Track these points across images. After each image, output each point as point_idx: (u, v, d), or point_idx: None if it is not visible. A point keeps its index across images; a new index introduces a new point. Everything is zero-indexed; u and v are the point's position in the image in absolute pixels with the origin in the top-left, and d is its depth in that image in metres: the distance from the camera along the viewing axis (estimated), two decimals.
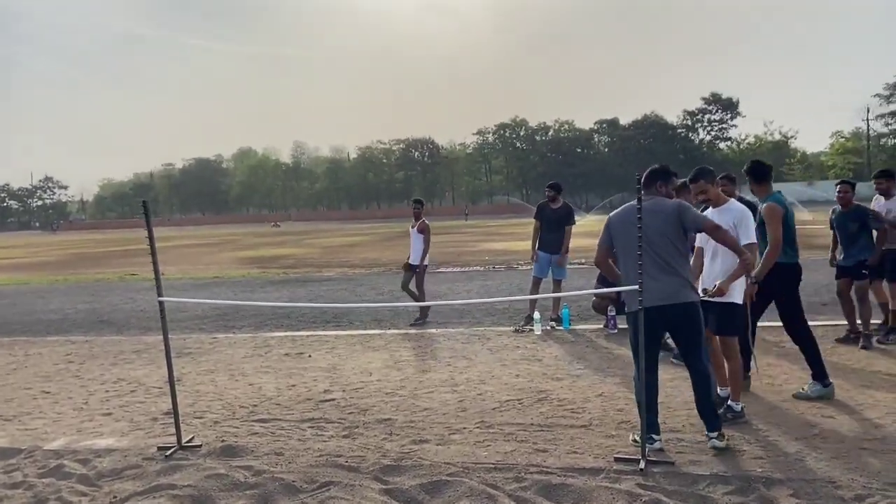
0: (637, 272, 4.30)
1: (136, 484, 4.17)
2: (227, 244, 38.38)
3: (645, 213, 4.39)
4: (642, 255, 4.33)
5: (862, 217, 7.11)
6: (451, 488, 3.92)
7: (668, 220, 4.44)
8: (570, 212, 9.61)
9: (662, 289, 4.38)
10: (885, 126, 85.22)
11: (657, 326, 4.49)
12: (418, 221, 10.32)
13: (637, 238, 4.31)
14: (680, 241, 4.49)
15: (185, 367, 7.43)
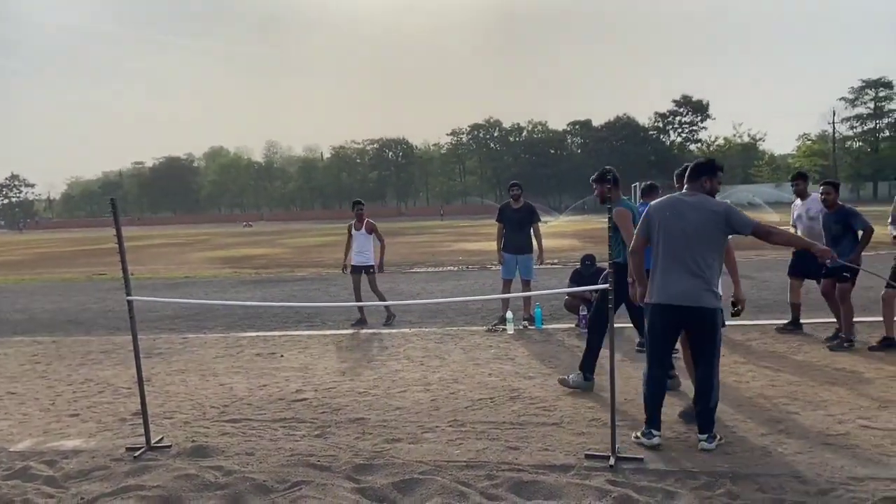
0: (667, 264, 4.39)
1: (104, 485, 4.12)
2: (199, 244, 37.93)
3: (688, 208, 4.43)
4: (677, 251, 4.38)
5: (846, 218, 7.13)
6: (424, 486, 3.94)
7: (712, 219, 4.38)
8: (533, 210, 9.57)
9: (686, 289, 4.38)
10: (850, 129, 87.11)
11: (673, 325, 4.52)
12: (363, 222, 10.19)
13: (679, 230, 4.37)
14: (717, 244, 4.44)
15: (155, 367, 7.34)
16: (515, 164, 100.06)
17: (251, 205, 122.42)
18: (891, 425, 4.70)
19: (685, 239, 4.39)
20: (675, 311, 4.41)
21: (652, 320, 4.55)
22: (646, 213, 4.66)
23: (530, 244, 9.37)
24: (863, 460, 4.11)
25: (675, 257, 4.40)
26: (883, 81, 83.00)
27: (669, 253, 4.44)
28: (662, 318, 4.47)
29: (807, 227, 7.69)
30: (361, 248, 10.09)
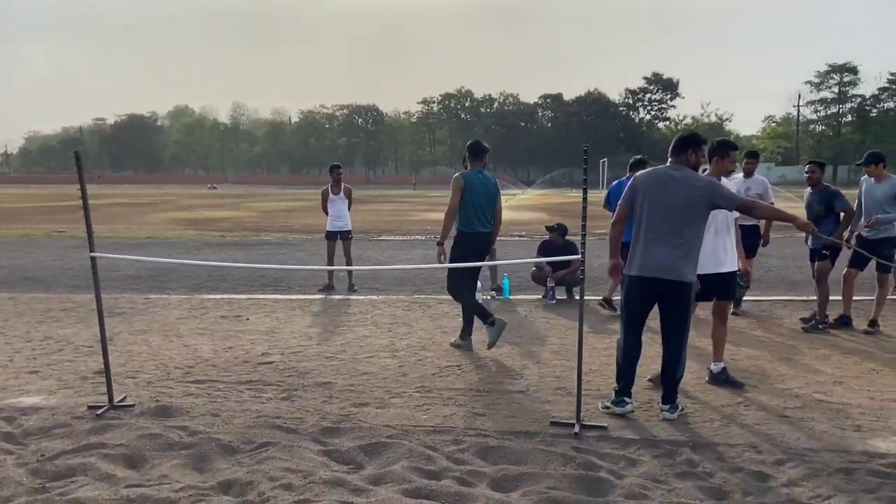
0: (649, 237, 4.42)
1: (66, 442, 4.05)
2: (161, 204, 37.18)
3: (673, 182, 4.45)
4: (659, 224, 4.42)
5: (829, 199, 7.13)
6: (391, 450, 3.95)
7: (697, 194, 4.41)
8: (495, 182, 9.52)
9: (668, 262, 4.42)
10: (814, 113, 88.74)
11: (651, 297, 4.56)
12: (341, 187, 10.09)
13: (663, 203, 4.40)
14: (700, 219, 4.48)
15: (117, 326, 7.20)
16: (486, 136, 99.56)
17: (216, 167, 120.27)
18: (845, 399, 4.85)
19: (669, 212, 4.42)
20: (654, 283, 4.46)
21: (629, 291, 4.59)
22: (630, 184, 4.66)
23: None
24: (818, 432, 4.24)
25: (658, 230, 4.44)
26: (848, 67, 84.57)
27: (652, 226, 4.46)
28: (640, 289, 4.53)
29: None
30: (339, 213, 10.01)
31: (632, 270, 4.56)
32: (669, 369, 4.56)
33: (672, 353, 4.56)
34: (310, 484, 3.51)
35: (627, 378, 4.62)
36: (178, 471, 3.69)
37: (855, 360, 5.96)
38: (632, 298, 4.61)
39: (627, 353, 4.62)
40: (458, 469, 3.71)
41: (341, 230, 10.02)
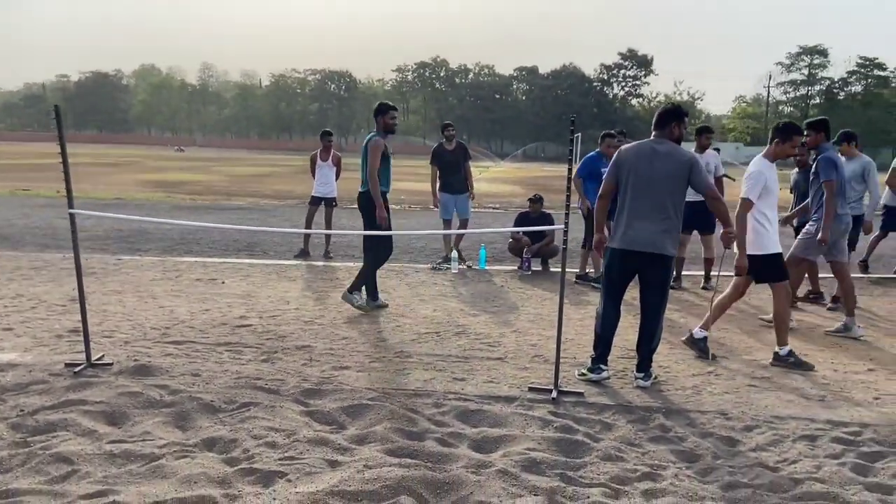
0: (632, 210, 4.49)
1: (45, 399, 4.02)
2: (128, 165, 36.44)
3: (658, 156, 4.50)
4: (643, 198, 4.48)
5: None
6: (373, 411, 4.01)
7: (680, 169, 4.49)
8: (466, 150, 9.55)
9: (650, 236, 4.49)
10: (783, 94, 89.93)
11: (633, 270, 4.64)
12: (330, 154, 10.05)
13: (647, 177, 4.47)
14: (681, 193, 4.55)
15: (90, 286, 7.07)
16: (460, 107, 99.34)
17: (183, 129, 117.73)
18: (810, 373, 5.03)
19: (653, 186, 4.49)
20: (636, 256, 4.54)
21: (611, 263, 4.67)
22: (615, 158, 4.69)
23: (465, 184, 9.36)
24: (784, 401, 4.40)
25: (643, 204, 4.51)
26: (818, 49, 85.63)
27: (636, 199, 4.53)
28: (622, 262, 4.61)
29: None
30: (326, 179, 9.98)
31: (614, 243, 4.64)
32: (646, 339, 4.67)
33: (650, 324, 4.67)
34: (294, 442, 3.55)
35: (605, 346, 4.73)
36: (160, 428, 3.71)
37: (820, 334, 6.17)
38: (613, 270, 4.69)
39: (606, 322, 4.72)
40: (439, 431, 3.79)
41: (326, 196, 9.98)
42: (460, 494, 3.07)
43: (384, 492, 3.05)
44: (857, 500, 3.13)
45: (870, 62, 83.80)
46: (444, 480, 3.17)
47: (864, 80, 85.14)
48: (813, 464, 3.51)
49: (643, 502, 3.08)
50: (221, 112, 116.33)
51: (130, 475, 3.16)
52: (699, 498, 3.13)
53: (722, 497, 3.15)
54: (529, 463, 3.40)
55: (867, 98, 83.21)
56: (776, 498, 3.15)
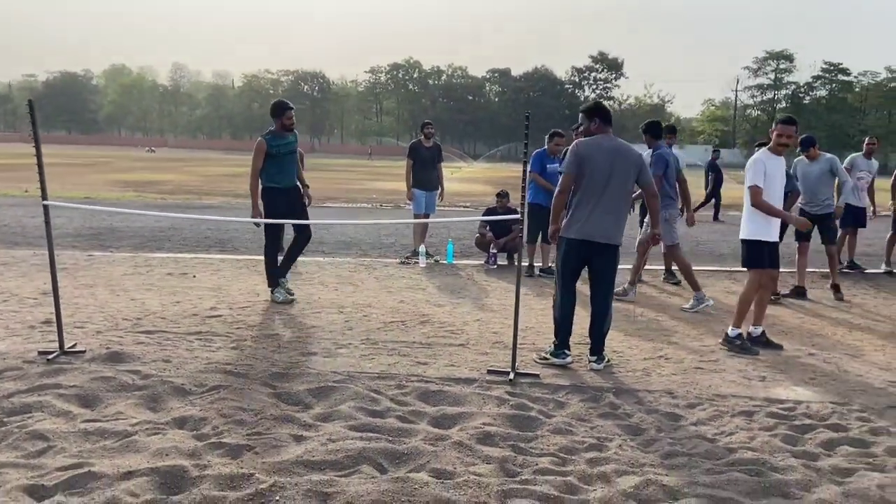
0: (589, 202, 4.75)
1: (19, 384, 4.15)
2: (97, 166, 36.07)
3: (615, 152, 4.80)
4: (598, 190, 4.75)
5: None
6: (338, 392, 4.20)
7: (633, 165, 4.84)
8: (441, 151, 9.91)
9: (605, 228, 4.81)
10: (751, 98, 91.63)
11: (587, 259, 4.93)
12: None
13: (605, 172, 4.74)
14: (630, 188, 4.94)
15: (62, 280, 7.05)
16: (433, 108, 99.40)
17: (154, 129, 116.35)
18: (754, 356, 5.33)
19: (607, 180, 4.78)
20: (591, 246, 4.84)
21: (569, 253, 4.92)
22: (573, 153, 4.88)
23: (437, 181, 9.64)
24: (727, 382, 4.69)
25: (600, 197, 4.78)
26: (785, 54, 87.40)
27: (596, 193, 4.79)
28: (579, 251, 4.89)
29: None
30: None
31: (571, 233, 4.88)
32: (598, 324, 4.94)
33: (601, 309, 4.94)
34: (261, 420, 3.74)
35: (566, 331, 4.97)
36: (132, 409, 3.86)
37: (767, 323, 6.48)
38: (570, 259, 4.95)
39: (565, 308, 4.98)
40: (400, 409, 3.99)
41: None
42: (418, 463, 3.28)
43: (346, 461, 3.25)
44: (783, 465, 3.40)
45: (834, 67, 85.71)
46: (403, 451, 3.38)
47: (828, 85, 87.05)
48: (748, 435, 3.78)
49: (588, 468, 3.32)
50: (193, 112, 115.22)
51: (104, 450, 3.32)
52: (640, 465, 3.38)
53: (661, 464, 3.40)
54: (484, 436, 3.63)
55: (832, 102, 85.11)
56: (710, 464, 3.41)
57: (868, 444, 3.69)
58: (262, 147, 6.59)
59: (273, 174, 6.64)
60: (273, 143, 6.60)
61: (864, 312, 7.12)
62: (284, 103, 6.80)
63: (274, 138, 6.64)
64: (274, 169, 6.64)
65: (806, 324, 6.52)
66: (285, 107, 6.73)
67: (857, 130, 77.78)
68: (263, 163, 6.59)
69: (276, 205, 6.64)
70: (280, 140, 6.65)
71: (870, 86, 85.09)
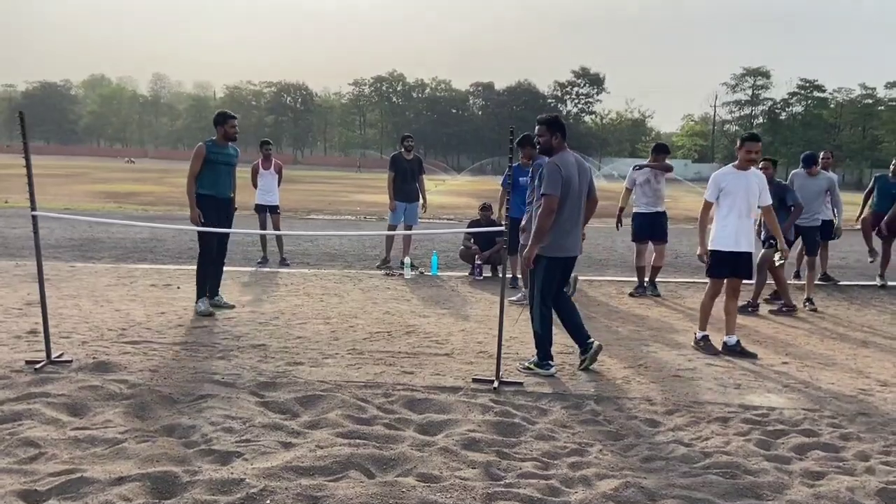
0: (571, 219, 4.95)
1: (7, 393, 4.17)
2: (78, 176, 35.78)
3: (580, 167, 5.02)
4: (576, 207, 4.98)
5: (781, 193, 7.52)
6: (325, 401, 4.27)
7: (589, 179, 5.10)
8: (421, 162, 10.12)
9: (578, 241, 5.11)
10: (729, 113, 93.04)
11: (565, 272, 5.16)
12: (272, 162, 10.28)
13: (578, 187, 4.95)
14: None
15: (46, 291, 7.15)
16: (417, 121, 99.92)
17: (134, 140, 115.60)
18: (730, 364, 5.48)
19: (581, 195, 5.03)
20: (570, 260, 5.13)
21: (554, 271, 5.04)
22: (560, 170, 4.86)
23: (418, 193, 9.81)
24: (704, 389, 4.82)
25: (576, 212, 5.01)
26: (761, 70, 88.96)
27: (573, 208, 4.99)
28: (564, 268, 5.12)
29: (655, 189, 8.41)
30: (268, 187, 10.19)
31: (558, 252, 5.01)
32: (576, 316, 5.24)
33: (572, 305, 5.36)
34: (249, 427, 3.80)
35: (550, 343, 5.10)
36: (121, 417, 3.91)
37: (743, 333, 6.64)
38: (556, 276, 5.09)
39: (548, 322, 5.10)
40: (387, 417, 4.07)
41: (269, 204, 10.20)
42: (405, 468, 3.37)
43: (334, 467, 3.33)
44: (756, 468, 3.53)
45: (810, 84, 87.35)
46: (390, 457, 3.46)
47: (804, 101, 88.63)
48: (723, 440, 3.91)
49: (569, 472, 3.42)
50: (174, 123, 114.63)
51: (95, 456, 3.37)
52: (619, 469, 3.49)
53: (640, 468, 3.51)
54: (469, 442, 3.72)
55: (807, 118, 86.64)
56: (687, 467, 3.52)
57: (838, 449, 3.83)
58: (201, 152, 6.68)
59: (208, 182, 6.68)
60: (213, 150, 6.69)
61: (836, 323, 7.31)
62: (228, 112, 6.94)
63: (214, 146, 6.73)
64: (209, 177, 6.68)
65: (780, 333, 6.70)
66: (229, 115, 6.84)
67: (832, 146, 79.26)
68: (200, 169, 6.65)
69: (208, 214, 6.64)
70: (220, 149, 6.74)
71: (844, 102, 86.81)
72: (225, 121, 6.78)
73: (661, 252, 8.60)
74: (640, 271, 8.57)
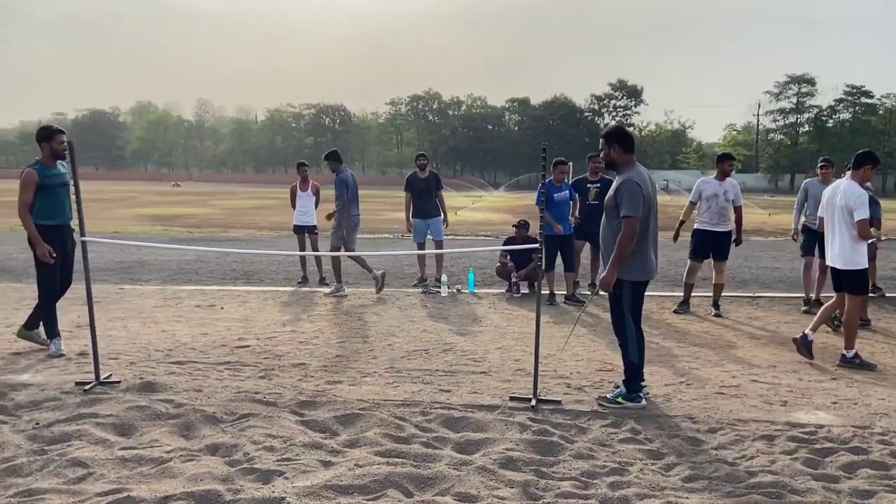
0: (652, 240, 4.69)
1: (58, 413, 4.32)
2: (126, 200, 36.83)
3: (652, 182, 4.72)
4: (655, 226, 4.72)
5: None
6: (364, 420, 4.31)
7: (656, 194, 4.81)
8: (438, 178, 10.07)
9: (657, 261, 4.80)
10: (773, 122, 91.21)
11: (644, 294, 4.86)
12: (309, 183, 10.44)
13: (656, 205, 4.71)
14: None
15: (95, 313, 7.37)
16: (453, 138, 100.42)
17: (180, 164, 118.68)
18: (776, 381, 5.36)
19: (656, 214, 4.76)
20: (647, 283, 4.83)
21: (640, 296, 4.77)
22: (639, 189, 4.55)
23: (437, 208, 9.85)
24: (748, 406, 4.72)
25: (655, 232, 4.74)
26: (806, 78, 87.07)
27: (654, 228, 4.72)
28: (644, 291, 4.82)
29: (722, 206, 7.98)
30: (305, 208, 10.35)
31: (642, 276, 4.70)
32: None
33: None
34: (290, 446, 3.86)
35: (642, 372, 4.79)
36: (166, 436, 4.01)
37: (790, 349, 6.48)
38: (641, 301, 4.80)
39: (643, 351, 4.77)
40: (425, 436, 4.09)
41: (307, 225, 10.36)
42: (442, 487, 3.38)
43: (373, 485, 3.35)
44: (803, 487, 3.44)
45: (857, 90, 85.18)
46: (428, 476, 3.48)
47: (851, 108, 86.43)
48: (768, 459, 3.82)
49: (609, 492, 3.38)
50: (217, 147, 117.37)
51: (141, 476, 3.46)
52: (660, 488, 3.44)
53: (682, 487, 3.46)
54: (507, 461, 3.71)
55: (855, 125, 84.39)
56: (730, 487, 3.45)
57: (889, 467, 3.72)
58: (32, 178, 5.75)
59: (46, 210, 5.89)
60: (44, 173, 5.81)
61: (888, 337, 7.09)
62: (53, 126, 6.01)
63: (44, 168, 5.83)
64: (47, 204, 5.88)
65: (829, 348, 6.51)
66: (55, 129, 5.93)
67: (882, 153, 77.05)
68: (34, 197, 5.79)
69: (53, 247, 5.95)
70: (50, 170, 5.86)
71: (894, 108, 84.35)
72: (52, 136, 5.83)
73: (720, 270, 8.15)
74: (688, 288, 8.26)
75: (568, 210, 8.71)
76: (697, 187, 8.21)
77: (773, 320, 7.76)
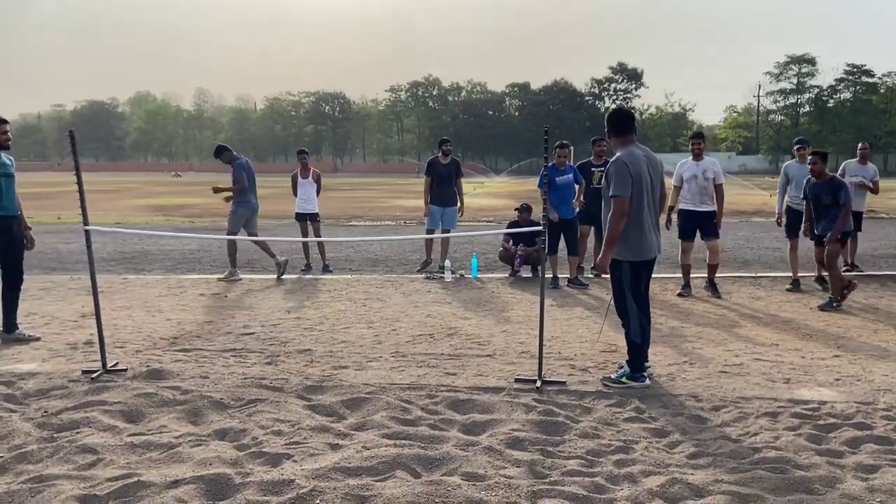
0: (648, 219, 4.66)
1: (66, 402, 4.35)
2: (126, 191, 36.84)
3: (648, 161, 4.69)
4: (652, 205, 4.70)
5: (836, 190, 7.26)
6: (370, 403, 4.34)
7: (660, 173, 4.81)
8: (459, 165, 10.08)
9: (658, 241, 4.81)
10: (773, 103, 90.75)
11: (649, 273, 4.84)
12: (309, 171, 10.43)
13: (653, 184, 4.69)
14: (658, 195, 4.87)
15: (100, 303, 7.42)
16: (453, 124, 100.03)
17: (180, 154, 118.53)
18: (779, 358, 5.38)
19: (654, 193, 4.76)
20: (651, 261, 4.82)
21: (639, 275, 4.74)
22: (628, 169, 4.55)
23: (455, 197, 9.82)
24: (751, 384, 4.74)
25: (652, 211, 4.73)
26: (806, 58, 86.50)
27: (649, 207, 4.69)
28: (646, 270, 4.79)
29: (702, 186, 7.99)
30: (307, 196, 10.33)
31: (638, 256, 4.69)
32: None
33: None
34: (298, 430, 3.89)
35: (646, 352, 4.84)
36: (175, 423, 4.04)
37: (792, 327, 6.52)
38: (642, 279, 4.77)
39: (646, 331, 4.80)
40: (431, 418, 4.12)
41: (308, 212, 10.35)
42: (450, 467, 3.41)
43: (381, 467, 3.38)
44: (807, 462, 3.47)
45: (857, 69, 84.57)
46: (435, 457, 3.51)
47: (852, 87, 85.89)
48: (772, 435, 3.85)
49: (615, 469, 3.41)
50: (217, 136, 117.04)
51: (151, 461, 3.49)
52: (665, 465, 3.47)
53: (686, 464, 3.49)
54: (513, 441, 3.74)
55: (856, 105, 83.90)
56: (734, 463, 3.48)
57: (893, 442, 3.74)
58: None
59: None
60: None
61: (889, 315, 7.10)
62: None
63: None
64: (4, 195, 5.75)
65: (831, 326, 6.53)
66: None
67: (883, 132, 76.72)
68: None
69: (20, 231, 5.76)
70: None
71: (895, 87, 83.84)
72: None
73: (713, 248, 8.14)
74: (685, 269, 8.24)
75: (571, 194, 8.68)
76: (678, 170, 8.34)
77: (776, 300, 7.77)
